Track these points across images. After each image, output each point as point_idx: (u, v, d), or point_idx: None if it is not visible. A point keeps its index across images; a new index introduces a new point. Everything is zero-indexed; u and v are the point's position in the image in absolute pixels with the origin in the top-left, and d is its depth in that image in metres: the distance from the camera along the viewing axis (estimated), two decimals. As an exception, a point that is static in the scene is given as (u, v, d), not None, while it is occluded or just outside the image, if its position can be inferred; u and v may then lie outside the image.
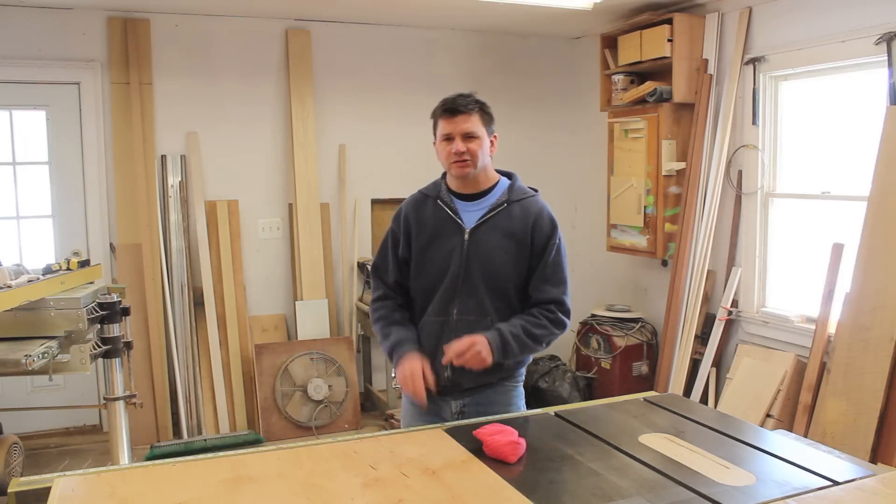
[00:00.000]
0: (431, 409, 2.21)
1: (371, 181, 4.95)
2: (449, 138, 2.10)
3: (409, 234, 2.20)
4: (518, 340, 2.07)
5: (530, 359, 2.27)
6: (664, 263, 4.61)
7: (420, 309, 2.20)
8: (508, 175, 2.25)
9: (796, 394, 3.57)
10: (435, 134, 2.15)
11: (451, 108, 2.09)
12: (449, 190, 2.19)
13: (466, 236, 2.12)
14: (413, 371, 2.07)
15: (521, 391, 2.28)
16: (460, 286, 2.12)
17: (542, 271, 2.13)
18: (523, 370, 2.28)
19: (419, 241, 2.18)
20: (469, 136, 2.08)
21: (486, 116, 2.13)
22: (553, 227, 2.16)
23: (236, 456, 1.76)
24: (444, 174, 2.23)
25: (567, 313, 2.15)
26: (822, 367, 3.46)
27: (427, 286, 2.16)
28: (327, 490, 1.55)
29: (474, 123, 2.09)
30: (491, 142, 2.16)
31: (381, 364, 4.87)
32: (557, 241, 2.15)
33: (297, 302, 4.67)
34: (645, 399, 2.21)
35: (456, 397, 2.19)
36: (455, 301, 2.12)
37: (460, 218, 2.15)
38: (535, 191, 2.23)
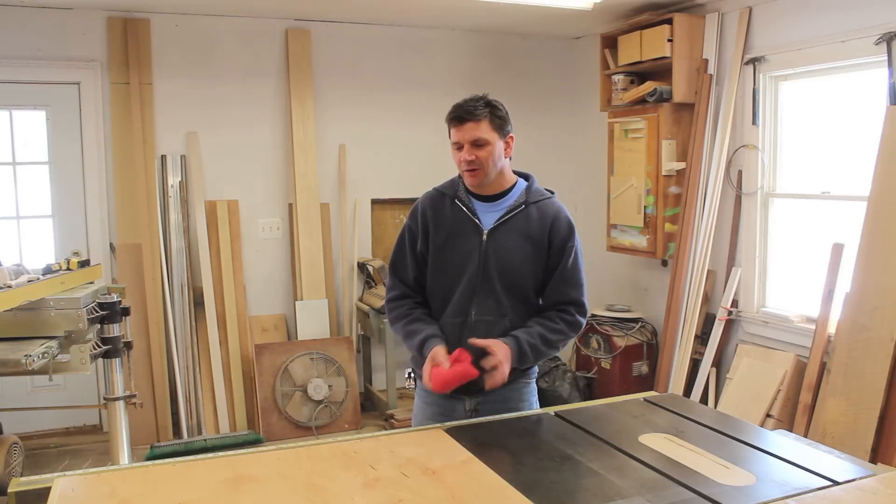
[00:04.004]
0: (444, 408, 2.21)
1: (371, 181, 4.95)
2: (459, 146, 2.09)
3: (427, 230, 2.18)
4: (534, 350, 2.08)
5: None
6: (664, 263, 4.61)
7: (437, 309, 2.19)
8: (525, 176, 2.24)
9: (796, 394, 3.57)
10: (449, 137, 2.14)
11: (458, 116, 2.07)
12: (467, 190, 2.18)
13: (485, 237, 2.12)
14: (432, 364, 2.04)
15: (535, 388, 2.29)
16: (479, 287, 2.12)
17: (561, 274, 2.14)
18: (536, 367, 2.29)
19: (437, 239, 2.16)
20: (478, 144, 2.07)
21: (497, 120, 2.09)
22: (570, 229, 2.17)
23: (236, 456, 1.77)
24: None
25: (584, 314, 2.17)
26: (822, 367, 3.46)
27: (444, 286, 2.16)
28: (327, 490, 1.55)
29: (483, 130, 2.06)
30: (507, 143, 2.14)
31: (380, 364, 4.87)
32: (574, 244, 2.17)
33: (297, 302, 4.67)
34: (645, 399, 2.21)
35: (470, 395, 2.19)
36: (474, 302, 2.12)
37: (478, 218, 2.14)
38: (552, 192, 2.23)
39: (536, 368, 2.29)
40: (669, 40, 4.11)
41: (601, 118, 4.83)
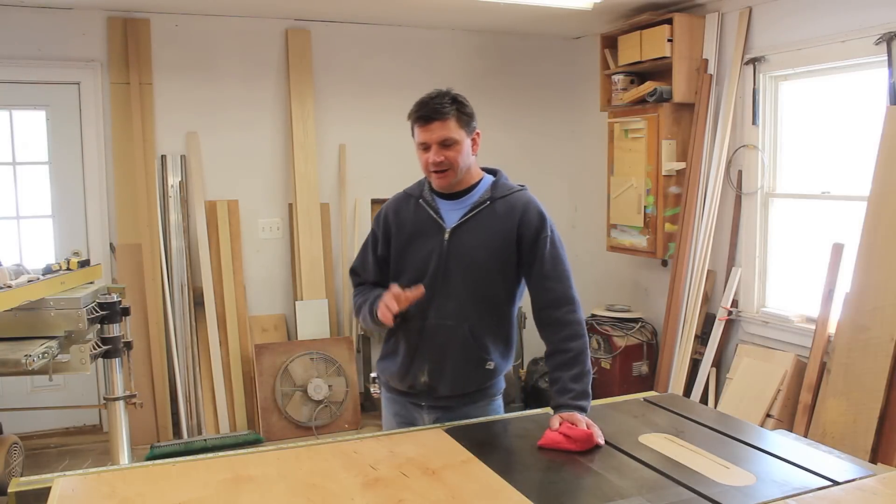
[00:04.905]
0: (405, 419, 2.15)
1: (371, 181, 4.94)
2: (425, 147, 2.00)
3: (389, 234, 2.12)
4: (584, 393, 1.94)
5: (510, 366, 2.16)
6: (664, 263, 4.61)
7: (400, 312, 2.05)
8: (493, 172, 2.14)
9: (796, 394, 3.58)
10: (413, 136, 2.04)
11: (424, 116, 1.97)
12: (431, 189, 2.10)
13: (446, 236, 2.02)
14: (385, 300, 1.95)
15: (500, 403, 2.17)
16: (438, 288, 2.01)
17: (540, 268, 2.01)
18: (502, 380, 2.17)
19: (398, 242, 2.09)
20: (446, 144, 1.97)
21: (464, 117, 1.99)
22: (542, 219, 2.04)
23: (236, 456, 1.77)
24: None
25: (578, 308, 2.03)
26: (822, 367, 3.46)
27: (405, 287, 2.03)
28: (327, 490, 1.55)
29: (451, 129, 1.96)
30: (473, 140, 2.04)
31: (381, 364, 4.87)
32: (549, 234, 2.03)
33: (297, 302, 4.67)
34: (645, 399, 2.21)
35: (431, 405, 2.09)
36: (432, 304, 2.01)
37: (441, 217, 2.05)
38: (522, 186, 2.12)
39: (502, 381, 2.17)
40: (669, 40, 4.10)
41: (601, 118, 4.83)
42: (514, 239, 2.02)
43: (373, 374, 2.34)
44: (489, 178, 2.11)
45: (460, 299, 2.01)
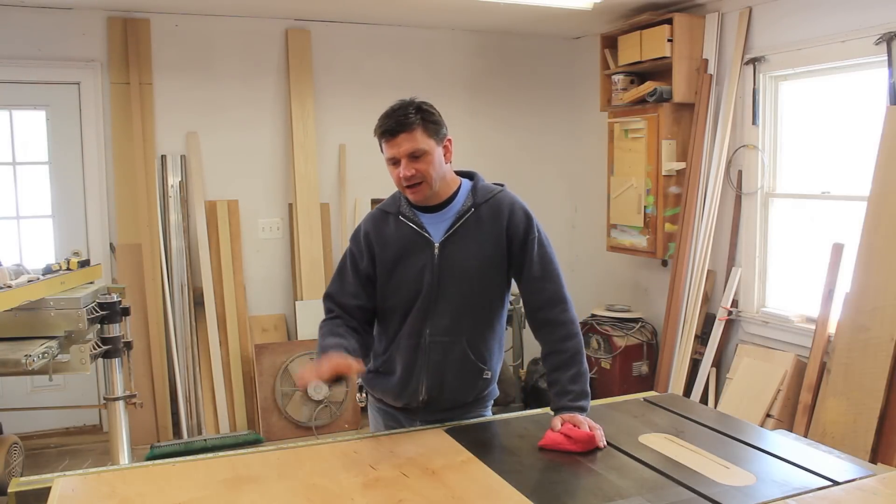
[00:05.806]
0: (396, 429, 2.10)
1: (371, 181, 4.94)
2: (395, 161, 1.91)
3: (373, 252, 2.00)
4: (583, 393, 1.93)
5: (498, 370, 2.13)
6: (664, 263, 4.61)
7: (393, 332, 2.03)
8: (469, 175, 2.06)
9: (796, 394, 3.58)
10: (382, 152, 1.96)
11: (389, 129, 1.89)
12: (410, 203, 1.99)
13: (436, 251, 1.94)
14: (324, 361, 1.78)
15: (490, 412, 2.16)
16: (433, 305, 1.95)
17: (530, 269, 1.98)
18: (496, 389, 2.15)
19: (384, 262, 1.98)
20: (415, 156, 1.89)
21: (432, 125, 1.91)
22: (528, 219, 1.99)
23: (236, 456, 1.77)
24: None
25: (571, 308, 2.01)
26: (822, 367, 3.46)
27: (398, 308, 1.99)
28: (327, 490, 1.55)
29: (418, 140, 1.88)
30: (445, 147, 1.96)
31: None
32: (536, 233, 1.99)
33: (297, 302, 4.67)
34: (645, 399, 2.21)
35: (425, 419, 2.05)
36: (427, 322, 1.96)
37: (427, 232, 1.96)
38: (502, 186, 2.05)
39: (497, 392, 2.16)
40: (669, 40, 4.11)
41: (601, 118, 4.83)
42: (504, 243, 1.98)
43: (359, 382, 2.28)
44: (468, 184, 2.04)
45: (456, 313, 1.97)
